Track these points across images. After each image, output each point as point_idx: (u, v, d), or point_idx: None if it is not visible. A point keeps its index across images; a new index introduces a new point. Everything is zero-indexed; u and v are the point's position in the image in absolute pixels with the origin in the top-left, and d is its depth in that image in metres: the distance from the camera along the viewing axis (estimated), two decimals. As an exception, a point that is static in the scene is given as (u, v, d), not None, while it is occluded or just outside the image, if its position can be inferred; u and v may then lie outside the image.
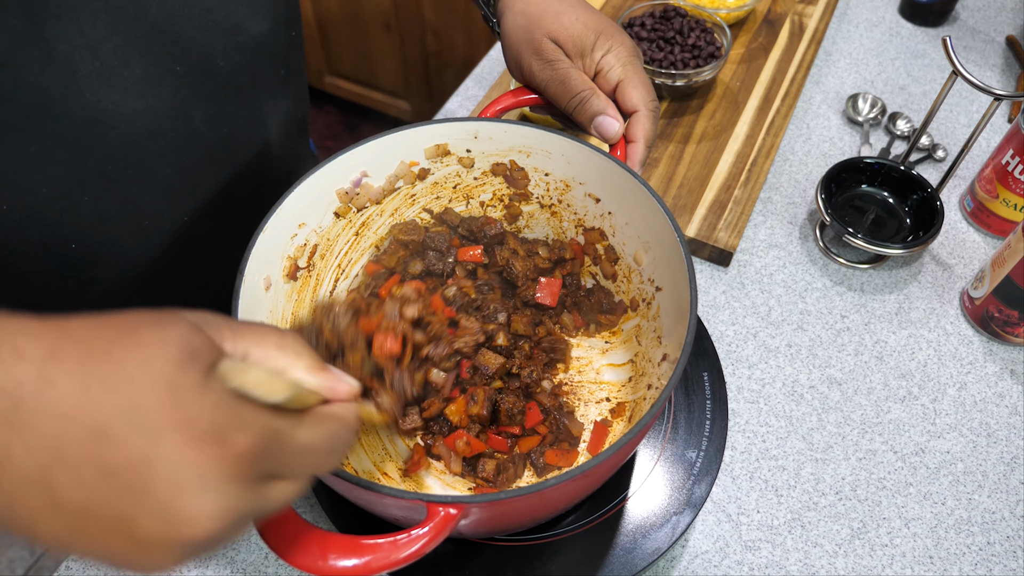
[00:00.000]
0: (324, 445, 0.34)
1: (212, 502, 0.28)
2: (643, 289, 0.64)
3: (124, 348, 0.28)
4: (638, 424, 0.46)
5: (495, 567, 0.58)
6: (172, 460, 0.27)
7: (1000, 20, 1.13)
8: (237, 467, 0.29)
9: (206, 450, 0.28)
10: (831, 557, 0.65)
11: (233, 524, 0.29)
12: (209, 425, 0.28)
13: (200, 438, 0.28)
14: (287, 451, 0.32)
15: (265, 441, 0.30)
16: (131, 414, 0.27)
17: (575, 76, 0.63)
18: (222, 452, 0.28)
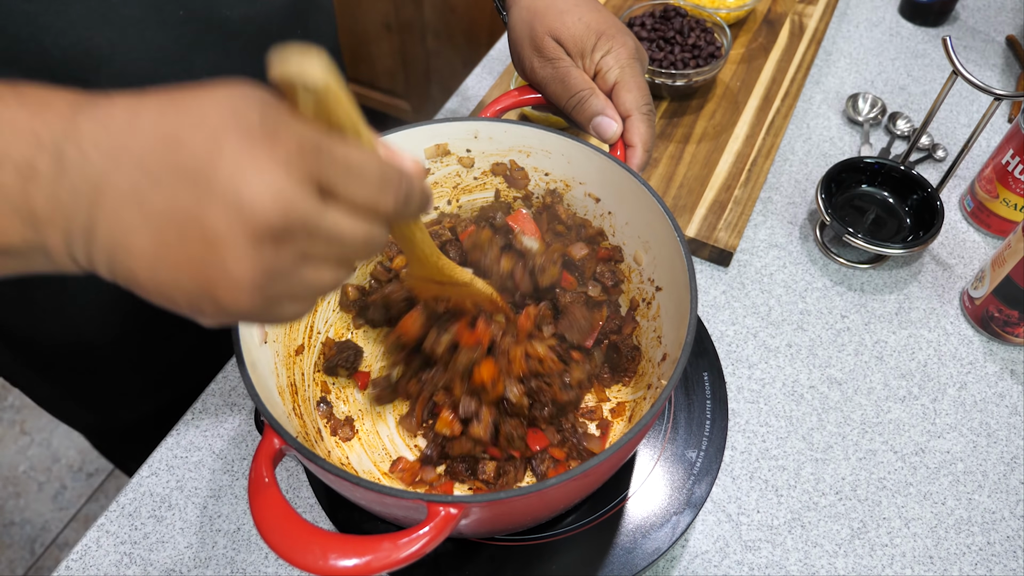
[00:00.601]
0: (375, 174, 0.35)
1: (271, 187, 0.31)
2: (643, 289, 0.64)
3: (196, 91, 0.33)
4: (638, 424, 0.46)
5: (495, 567, 0.58)
6: (231, 156, 0.31)
7: (1000, 20, 1.13)
8: (289, 160, 0.31)
9: (261, 145, 0.31)
10: (831, 557, 0.65)
11: (299, 219, 0.32)
12: (263, 127, 0.31)
13: (254, 138, 0.31)
14: (336, 164, 0.33)
15: (313, 145, 0.32)
16: (197, 126, 0.31)
17: (575, 75, 0.63)
18: (275, 146, 0.31)
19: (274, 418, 0.47)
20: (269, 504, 0.43)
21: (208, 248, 0.31)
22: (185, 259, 0.31)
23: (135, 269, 0.32)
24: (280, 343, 0.59)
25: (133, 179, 0.31)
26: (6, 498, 1.76)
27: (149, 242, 0.31)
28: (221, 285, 0.32)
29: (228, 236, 0.31)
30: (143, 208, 0.31)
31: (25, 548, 1.69)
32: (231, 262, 0.31)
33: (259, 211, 0.31)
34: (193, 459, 0.70)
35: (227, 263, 0.31)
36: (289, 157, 0.31)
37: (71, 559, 0.65)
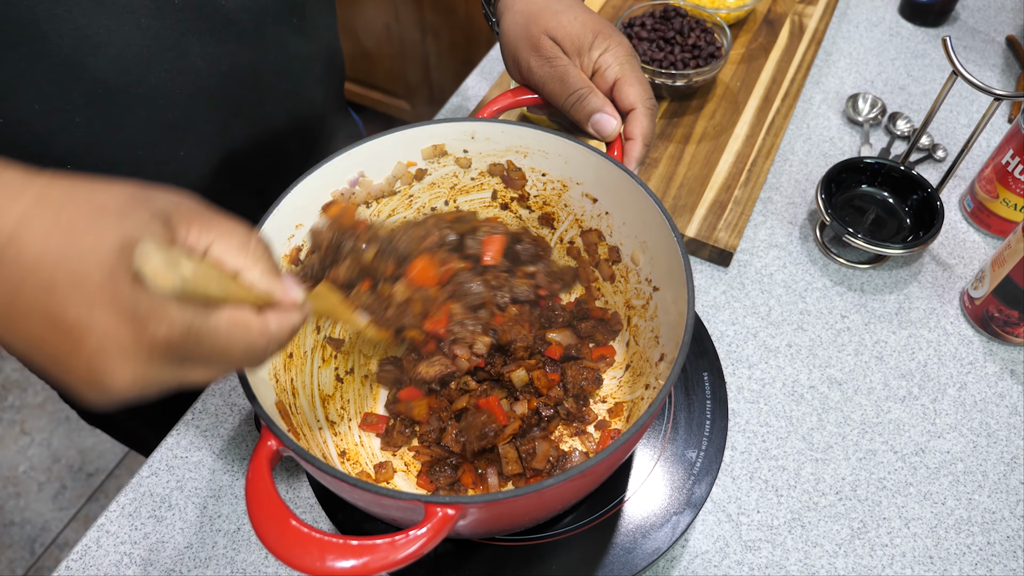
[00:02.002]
0: (239, 350, 0.37)
1: (128, 371, 0.33)
2: (640, 289, 0.64)
3: (86, 224, 0.33)
4: (636, 423, 0.46)
5: (495, 567, 0.58)
6: (100, 329, 0.32)
7: (1000, 20, 1.13)
8: (153, 350, 0.33)
9: (128, 330, 0.33)
10: (831, 557, 0.65)
11: (149, 388, 0.35)
12: (134, 310, 0.33)
13: (126, 319, 0.32)
14: (202, 348, 0.36)
15: (181, 336, 0.34)
16: (77, 282, 0.32)
17: (573, 73, 0.63)
18: (141, 336, 0.33)
19: (271, 419, 0.47)
20: (266, 506, 0.43)
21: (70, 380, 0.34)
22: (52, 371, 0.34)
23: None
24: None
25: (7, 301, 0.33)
26: (6, 498, 1.76)
27: (21, 350, 0.34)
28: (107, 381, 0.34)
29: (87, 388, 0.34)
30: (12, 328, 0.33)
31: (25, 548, 1.69)
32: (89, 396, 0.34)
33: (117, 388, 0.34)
34: (193, 459, 0.70)
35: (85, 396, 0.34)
36: (154, 347, 0.33)
37: (71, 559, 0.65)
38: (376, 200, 0.66)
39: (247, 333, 0.37)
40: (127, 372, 0.33)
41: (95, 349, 0.33)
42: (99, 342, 0.32)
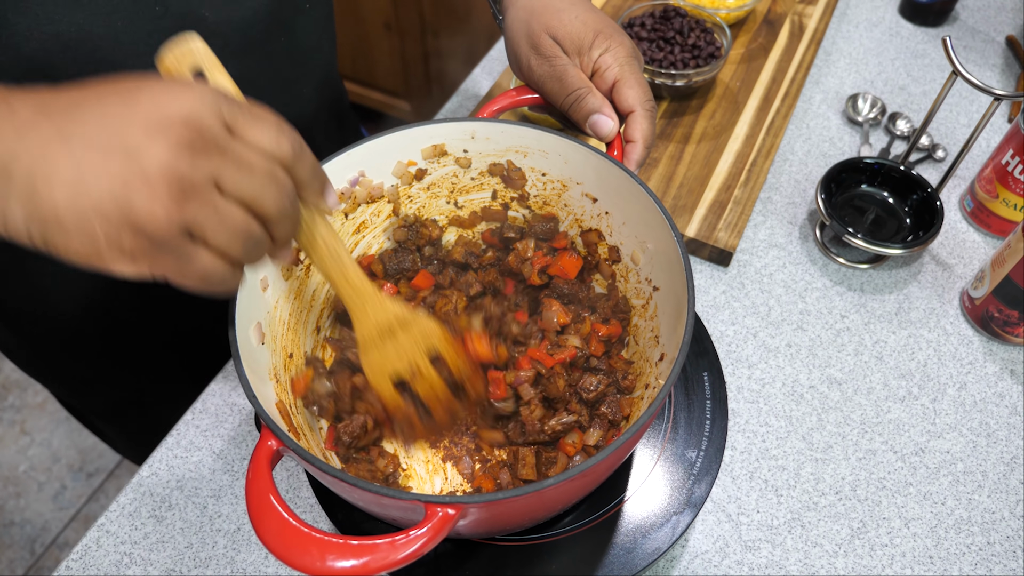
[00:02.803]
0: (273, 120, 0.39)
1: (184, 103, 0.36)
2: (640, 289, 0.64)
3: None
4: (636, 423, 0.46)
5: (495, 567, 0.58)
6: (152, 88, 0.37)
7: (1000, 20, 1.13)
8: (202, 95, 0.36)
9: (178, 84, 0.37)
10: (831, 557, 0.65)
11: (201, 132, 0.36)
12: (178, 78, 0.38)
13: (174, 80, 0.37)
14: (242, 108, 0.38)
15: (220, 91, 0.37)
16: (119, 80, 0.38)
17: (572, 73, 0.63)
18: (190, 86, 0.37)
19: (271, 419, 0.47)
20: (266, 506, 0.43)
21: (127, 156, 0.34)
22: (105, 174, 0.34)
23: (56, 199, 0.34)
24: (278, 343, 0.59)
25: (57, 121, 0.35)
26: (6, 498, 1.76)
27: (70, 166, 0.34)
28: (138, 191, 0.34)
29: (146, 141, 0.35)
30: (66, 139, 0.35)
31: (25, 548, 1.69)
32: (147, 159, 0.34)
33: (175, 119, 0.35)
34: (193, 459, 0.70)
35: (144, 161, 0.34)
36: (202, 94, 0.36)
37: (71, 559, 0.65)
38: (375, 201, 0.66)
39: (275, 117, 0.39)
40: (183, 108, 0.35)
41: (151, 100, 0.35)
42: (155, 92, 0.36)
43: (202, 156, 0.36)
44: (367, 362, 0.57)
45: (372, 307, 0.55)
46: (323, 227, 0.48)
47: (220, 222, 0.37)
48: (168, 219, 0.35)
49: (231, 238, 0.37)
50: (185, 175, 0.35)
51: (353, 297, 0.54)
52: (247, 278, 0.54)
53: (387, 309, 0.56)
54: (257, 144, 0.38)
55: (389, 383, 0.58)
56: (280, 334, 0.59)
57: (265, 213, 0.39)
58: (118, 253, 0.36)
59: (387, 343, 0.56)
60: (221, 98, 0.37)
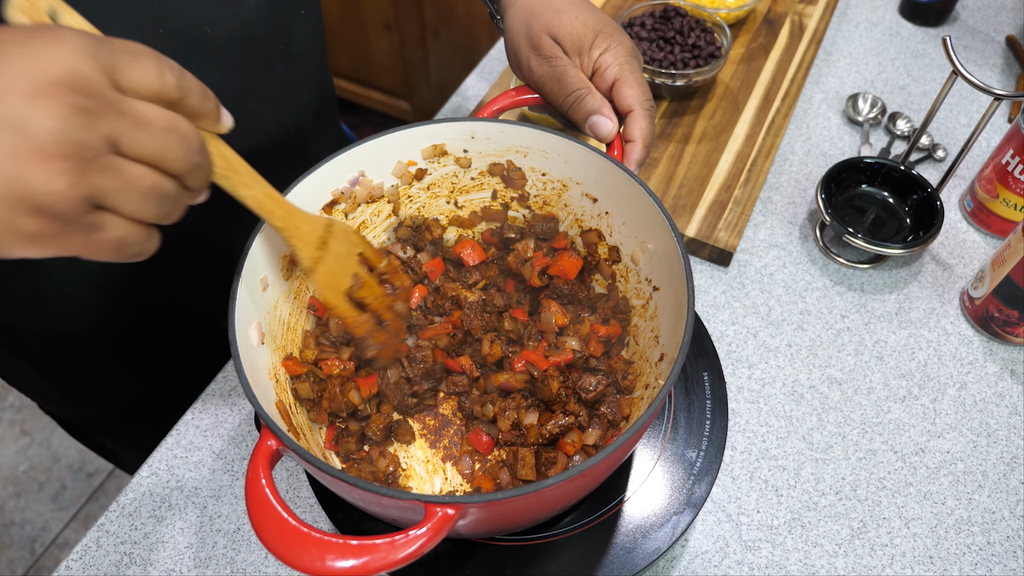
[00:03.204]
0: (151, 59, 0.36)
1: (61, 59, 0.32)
2: (640, 289, 0.64)
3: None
4: (635, 423, 0.46)
5: (495, 567, 0.58)
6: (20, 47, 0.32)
7: (1000, 20, 1.13)
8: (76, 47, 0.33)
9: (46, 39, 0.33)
10: (831, 557, 0.65)
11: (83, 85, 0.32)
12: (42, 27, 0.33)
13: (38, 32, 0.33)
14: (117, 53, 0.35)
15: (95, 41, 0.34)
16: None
17: (572, 74, 0.63)
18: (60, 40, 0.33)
19: (271, 418, 0.47)
20: (266, 506, 0.43)
21: (13, 130, 0.31)
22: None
23: None
24: (278, 343, 0.59)
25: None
26: (6, 498, 1.76)
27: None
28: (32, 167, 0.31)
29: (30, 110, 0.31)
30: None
31: (25, 548, 1.69)
32: (35, 130, 0.31)
33: (57, 79, 0.32)
34: (193, 459, 0.70)
35: (32, 133, 0.31)
36: (77, 45, 0.33)
37: (71, 559, 0.65)
38: (374, 201, 0.66)
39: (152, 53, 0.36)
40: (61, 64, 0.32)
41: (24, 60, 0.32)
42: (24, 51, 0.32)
43: (94, 117, 0.33)
44: (321, 282, 0.55)
45: (303, 221, 0.53)
46: (228, 151, 0.45)
47: (127, 187, 0.34)
48: (70, 193, 0.32)
49: (142, 201, 0.35)
50: (80, 142, 0.32)
51: (285, 217, 0.51)
52: (246, 279, 0.53)
53: (314, 218, 0.54)
54: (144, 85, 0.35)
55: (346, 301, 0.57)
56: (280, 334, 0.59)
57: (173, 168, 0.36)
58: (20, 238, 0.33)
59: (327, 256, 0.55)
60: (94, 43, 0.34)
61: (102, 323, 0.74)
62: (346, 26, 2.03)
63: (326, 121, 0.84)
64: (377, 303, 0.60)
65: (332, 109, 0.86)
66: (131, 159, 0.35)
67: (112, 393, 0.84)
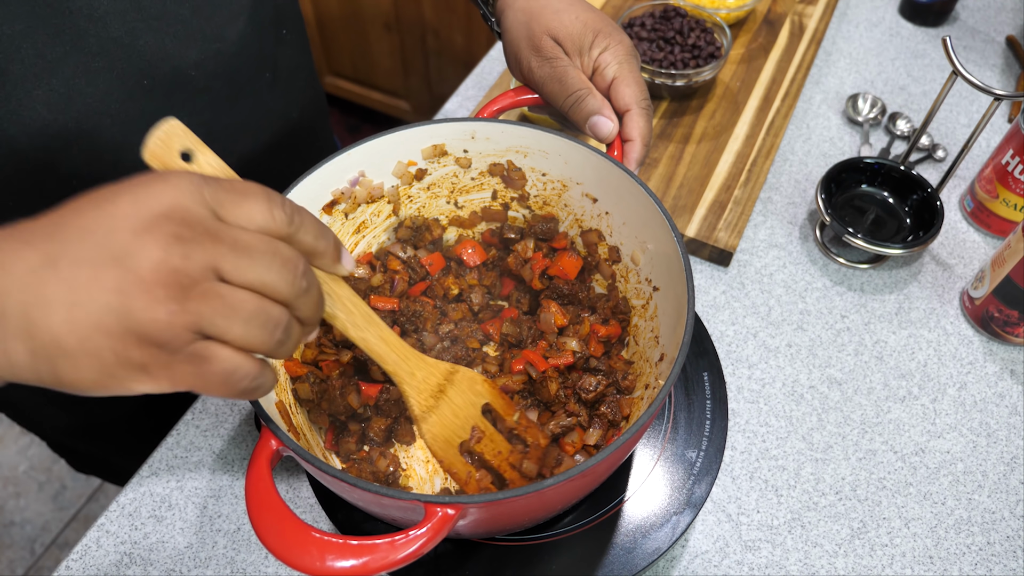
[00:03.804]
0: (260, 193, 0.36)
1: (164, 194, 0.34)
2: (640, 289, 0.64)
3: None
4: (635, 423, 0.46)
5: (495, 567, 0.58)
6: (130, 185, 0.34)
7: (1000, 20, 1.13)
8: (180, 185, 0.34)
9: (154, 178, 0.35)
10: (831, 557, 0.65)
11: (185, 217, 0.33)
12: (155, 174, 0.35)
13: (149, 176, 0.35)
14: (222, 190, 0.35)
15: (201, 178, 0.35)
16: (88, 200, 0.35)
17: (572, 74, 0.63)
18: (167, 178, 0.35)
19: (271, 419, 0.47)
20: (266, 506, 0.43)
21: (117, 264, 0.32)
22: (99, 288, 0.32)
23: (53, 326, 0.32)
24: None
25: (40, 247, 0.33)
26: (6, 498, 1.76)
27: (62, 289, 0.32)
28: (135, 297, 0.32)
29: (134, 244, 0.32)
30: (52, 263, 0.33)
31: (25, 548, 1.69)
32: (138, 262, 0.32)
33: (158, 215, 0.33)
34: (193, 459, 0.70)
35: (135, 265, 0.32)
36: (180, 182, 0.34)
37: (71, 559, 0.65)
38: (374, 201, 0.66)
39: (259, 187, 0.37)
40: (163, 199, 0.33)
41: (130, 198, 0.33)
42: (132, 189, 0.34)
43: (194, 246, 0.33)
44: (430, 434, 0.51)
45: (418, 367, 0.50)
46: (346, 290, 0.45)
47: (230, 311, 0.34)
48: (171, 319, 0.32)
49: (247, 327, 0.34)
50: (180, 269, 0.33)
51: (398, 362, 0.49)
52: None
53: (432, 365, 0.51)
54: (250, 221, 0.36)
55: (459, 455, 0.53)
56: None
57: (278, 294, 0.36)
58: (131, 369, 0.33)
59: (442, 405, 0.52)
60: (201, 181, 0.35)
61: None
62: (346, 26, 2.03)
63: (318, 127, 0.83)
64: (498, 459, 0.54)
65: (324, 117, 0.86)
66: (234, 286, 0.35)
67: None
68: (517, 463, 0.55)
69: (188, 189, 0.34)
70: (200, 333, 0.34)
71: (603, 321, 0.66)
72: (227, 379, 0.35)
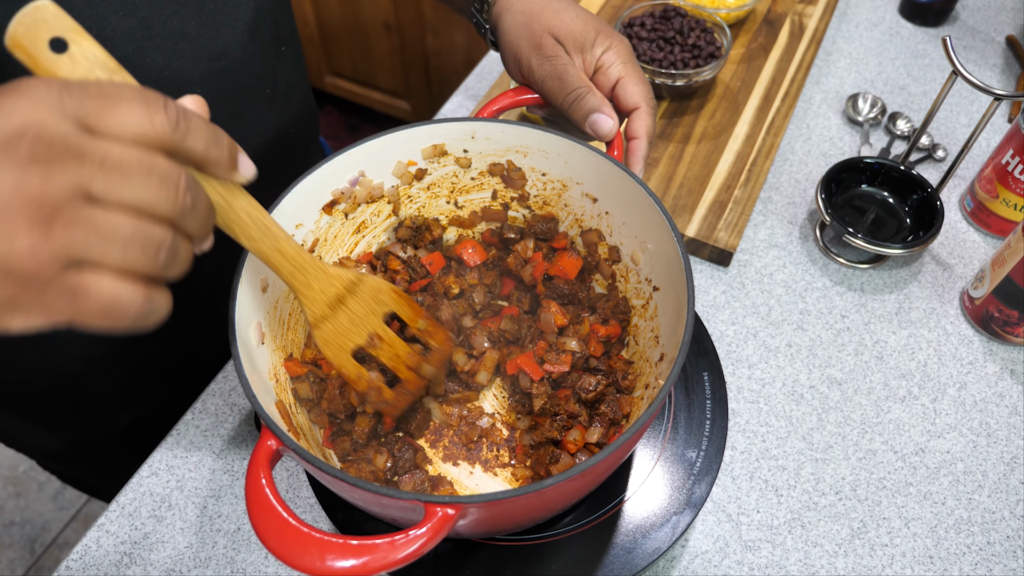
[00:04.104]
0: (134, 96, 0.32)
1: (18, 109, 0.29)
2: (640, 289, 0.64)
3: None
4: (635, 423, 0.46)
5: (495, 567, 0.58)
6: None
7: (1000, 20, 1.13)
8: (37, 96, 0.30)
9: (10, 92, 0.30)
10: (831, 557, 0.65)
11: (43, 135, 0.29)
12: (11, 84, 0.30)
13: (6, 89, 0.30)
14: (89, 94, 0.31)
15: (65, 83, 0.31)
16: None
17: (572, 72, 0.63)
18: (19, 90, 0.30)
19: (270, 418, 0.47)
20: (266, 506, 0.43)
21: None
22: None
23: None
24: (278, 343, 0.59)
25: None
26: (6, 498, 1.76)
27: None
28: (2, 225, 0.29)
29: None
30: None
31: (25, 548, 1.69)
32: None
33: (12, 133, 0.29)
34: (193, 459, 0.70)
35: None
36: (38, 94, 0.30)
37: (71, 559, 0.65)
38: (374, 201, 0.66)
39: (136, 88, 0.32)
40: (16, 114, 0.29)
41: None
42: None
43: (54, 166, 0.30)
44: (322, 339, 0.53)
45: (316, 278, 0.51)
46: (243, 199, 0.43)
47: (103, 236, 0.31)
48: (34, 250, 0.29)
49: (125, 251, 0.31)
50: (40, 193, 0.29)
51: (294, 272, 0.49)
52: (246, 279, 0.53)
53: (333, 276, 0.52)
54: (123, 131, 0.32)
55: (350, 358, 0.55)
56: (280, 334, 0.59)
57: (158, 212, 0.32)
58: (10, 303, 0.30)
59: (339, 314, 0.53)
60: (61, 88, 0.31)
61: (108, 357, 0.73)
62: (346, 26, 2.04)
63: (310, 142, 0.83)
64: (394, 362, 0.57)
65: (316, 132, 0.86)
66: (108, 206, 0.31)
67: (113, 413, 0.83)
68: (415, 365, 0.58)
69: (46, 100, 0.30)
70: (72, 262, 0.30)
71: (603, 321, 0.66)
72: (109, 311, 0.32)
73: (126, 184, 0.31)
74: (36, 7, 0.34)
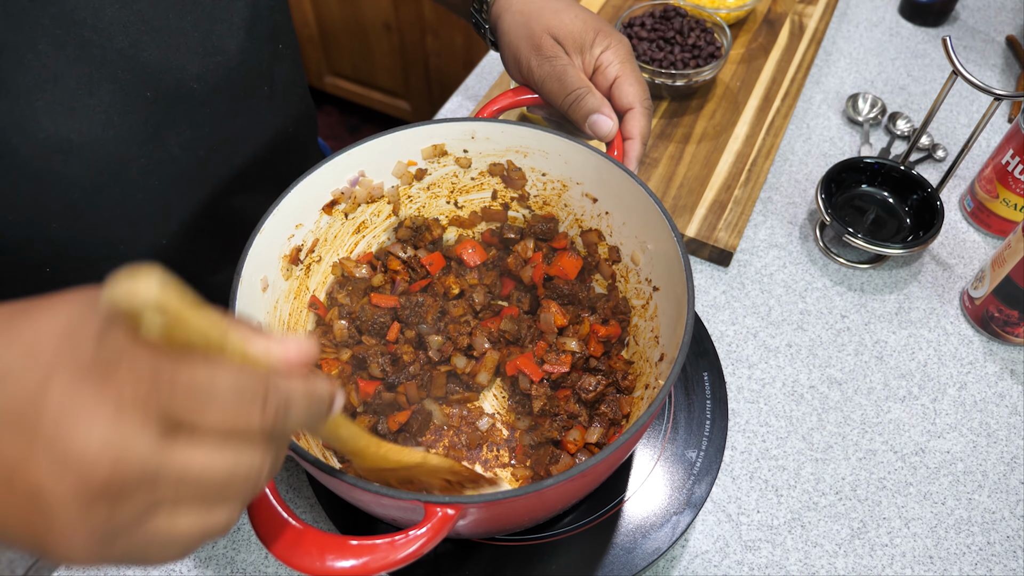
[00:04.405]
0: (228, 390, 0.28)
1: (99, 435, 0.26)
2: (640, 289, 0.64)
3: (32, 310, 0.28)
4: (635, 423, 0.46)
5: (495, 567, 0.58)
6: (59, 397, 0.26)
7: (1000, 20, 1.13)
8: (121, 399, 0.26)
9: (92, 384, 0.26)
10: (831, 557, 0.65)
11: (134, 471, 0.27)
12: (96, 360, 0.27)
13: (87, 373, 0.26)
14: (178, 389, 0.28)
15: (152, 374, 0.27)
16: (27, 357, 0.27)
17: (572, 73, 0.63)
18: (106, 384, 0.26)
19: (272, 419, 0.47)
20: (266, 506, 0.43)
21: (35, 504, 0.27)
22: (13, 510, 0.27)
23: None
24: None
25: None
26: (7, 498, 1.76)
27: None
28: (53, 543, 0.27)
29: (54, 495, 0.26)
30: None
31: (26, 548, 1.69)
32: (59, 523, 0.27)
33: (87, 467, 0.26)
34: (192, 459, 0.70)
35: (55, 523, 0.27)
36: (121, 395, 0.27)
37: (70, 559, 0.65)
38: (374, 201, 0.66)
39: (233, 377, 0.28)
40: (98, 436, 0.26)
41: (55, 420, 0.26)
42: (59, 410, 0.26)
43: (127, 500, 0.27)
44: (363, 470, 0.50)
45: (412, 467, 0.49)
46: (345, 430, 0.42)
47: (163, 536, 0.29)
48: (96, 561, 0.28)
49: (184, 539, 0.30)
50: (105, 529, 0.28)
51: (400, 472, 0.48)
52: (246, 279, 0.53)
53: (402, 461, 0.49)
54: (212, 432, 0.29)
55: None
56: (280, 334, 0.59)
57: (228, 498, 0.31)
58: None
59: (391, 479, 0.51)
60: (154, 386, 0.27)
61: None
62: (346, 26, 2.04)
63: (308, 142, 0.83)
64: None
65: (314, 133, 0.86)
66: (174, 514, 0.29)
67: None
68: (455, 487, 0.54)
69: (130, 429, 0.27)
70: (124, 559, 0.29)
71: (603, 321, 0.66)
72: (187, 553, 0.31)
73: (202, 488, 0.29)
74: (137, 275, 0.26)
